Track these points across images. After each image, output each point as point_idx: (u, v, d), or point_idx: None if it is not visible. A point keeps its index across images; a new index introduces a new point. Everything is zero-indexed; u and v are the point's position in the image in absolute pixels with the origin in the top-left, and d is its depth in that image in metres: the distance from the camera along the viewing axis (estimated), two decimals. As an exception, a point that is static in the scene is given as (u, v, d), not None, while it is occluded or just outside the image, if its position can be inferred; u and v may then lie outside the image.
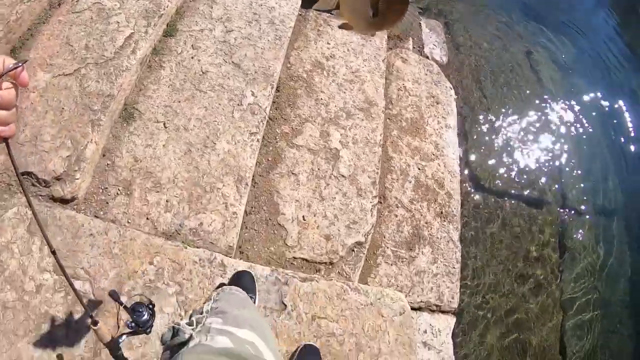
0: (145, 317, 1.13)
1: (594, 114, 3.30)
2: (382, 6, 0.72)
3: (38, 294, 1.43)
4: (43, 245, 1.50)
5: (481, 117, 2.93)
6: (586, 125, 3.22)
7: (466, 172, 2.65)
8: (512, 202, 2.68)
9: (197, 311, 0.87)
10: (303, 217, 1.79)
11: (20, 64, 0.52)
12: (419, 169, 2.26)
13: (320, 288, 1.60)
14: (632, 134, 3.31)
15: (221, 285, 1.02)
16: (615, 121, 3.35)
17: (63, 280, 1.46)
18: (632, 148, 3.24)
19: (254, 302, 1.54)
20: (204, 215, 1.62)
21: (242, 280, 1.54)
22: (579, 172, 2.99)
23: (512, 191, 2.73)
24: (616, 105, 3.42)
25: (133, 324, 1.11)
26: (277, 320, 1.52)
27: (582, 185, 2.96)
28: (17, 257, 1.47)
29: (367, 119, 2.11)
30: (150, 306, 1.16)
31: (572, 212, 2.85)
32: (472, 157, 2.76)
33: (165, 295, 1.46)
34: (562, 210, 2.83)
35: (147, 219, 1.61)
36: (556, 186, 2.88)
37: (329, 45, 2.31)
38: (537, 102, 3.19)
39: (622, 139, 3.28)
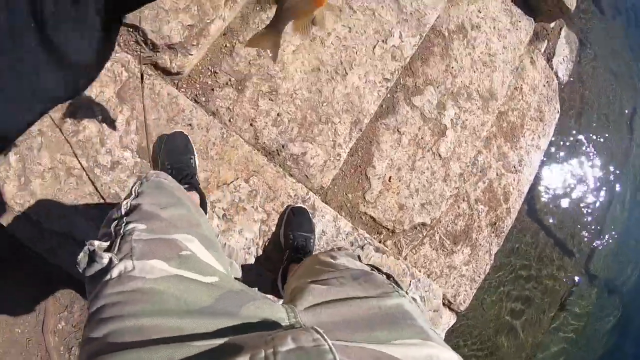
0: None
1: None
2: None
3: (112, 171, 1.31)
4: (131, 119, 1.36)
5: (564, 150, 2.85)
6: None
7: (529, 195, 2.63)
8: (550, 240, 2.72)
9: (113, 217, 0.69)
10: (390, 178, 1.76)
11: None
12: (497, 174, 2.22)
13: (387, 264, 1.62)
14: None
15: (144, 177, 0.81)
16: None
17: (144, 165, 1.35)
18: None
19: (193, 160, 1.37)
20: (311, 145, 1.54)
21: (175, 144, 1.35)
22: (618, 246, 3.05)
23: (556, 233, 2.76)
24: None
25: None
26: (341, 280, 1.54)
27: (613, 256, 3.03)
28: (98, 124, 1.31)
29: (482, 109, 2.02)
30: None
31: (589, 278, 2.94)
32: (540, 183, 2.74)
33: (251, 219, 1.42)
34: (581, 271, 2.91)
35: (251, 125, 1.51)
36: (590, 247, 2.94)
37: (480, 13, 2.12)
38: (618, 165, 3.12)
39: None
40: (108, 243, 0.63)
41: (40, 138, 1.27)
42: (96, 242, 0.62)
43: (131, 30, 1.41)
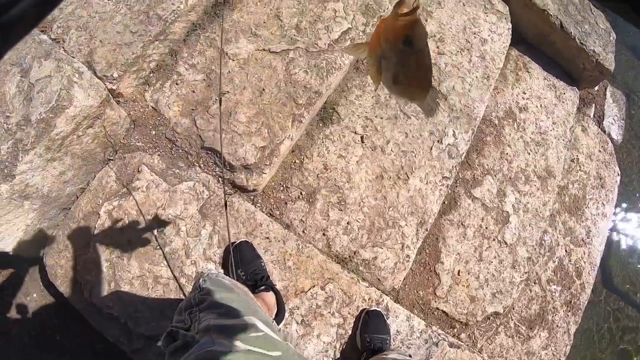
0: None
1: None
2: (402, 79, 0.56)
3: (197, 281, 1.43)
4: (214, 234, 1.47)
5: (633, 214, 2.75)
6: None
7: (602, 263, 2.52)
8: (632, 309, 2.55)
9: (186, 306, 0.86)
10: (459, 271, 1.77)
11: None
12: (566, 251, 2.16)
13: (463, 358, 1.60)
14: None
15: (205, 274, 0.97)
16: None
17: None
18: None
19: (263, 263, 1.47)
20: (380, 250, 1.61)
21: (243, 252, 1.46)
22: None
23: (635, 298, 2.60)
24: None
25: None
26: (419, 377, 1.54)
27: None
28: (183, 236, 1.44)
29: (542, 189, 2.02)
30: None
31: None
32: (612, 250, 2.62)
33: (328, 324, 1.47)
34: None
35: (324, 234, 1.60)
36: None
37: (524, 95, 2.19)
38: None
39: None
40: (186, 327, 0.79)
41: (130, 248, 1.42)
42: (177, 325, 0.79)
43: (210, 153, 1.57)
